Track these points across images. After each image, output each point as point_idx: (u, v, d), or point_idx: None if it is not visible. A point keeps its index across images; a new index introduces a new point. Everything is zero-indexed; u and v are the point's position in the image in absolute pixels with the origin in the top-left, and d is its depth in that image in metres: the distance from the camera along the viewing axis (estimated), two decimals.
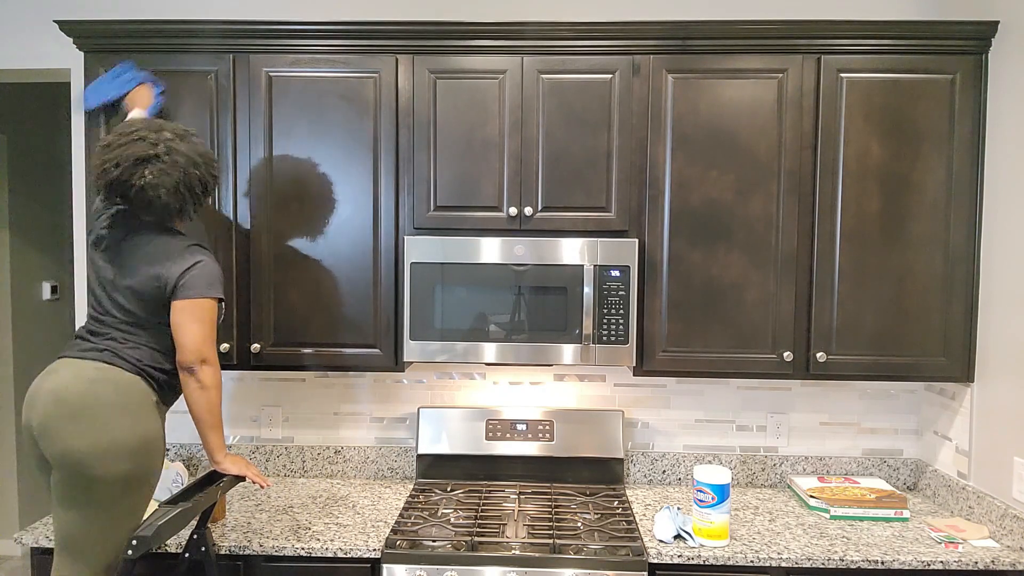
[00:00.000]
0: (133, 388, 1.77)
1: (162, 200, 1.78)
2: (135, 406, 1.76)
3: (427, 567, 1.89)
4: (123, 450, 1.71)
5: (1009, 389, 2.03)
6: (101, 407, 1.71)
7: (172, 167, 1.77)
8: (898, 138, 2.13)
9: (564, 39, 2.15)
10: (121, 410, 1.73)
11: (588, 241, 2.11)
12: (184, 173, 1.79)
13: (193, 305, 1.80)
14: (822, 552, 1.92)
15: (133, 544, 1.61)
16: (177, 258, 1.81)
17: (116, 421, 1.71)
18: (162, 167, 1.76)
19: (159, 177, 1.76)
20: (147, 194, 1.77)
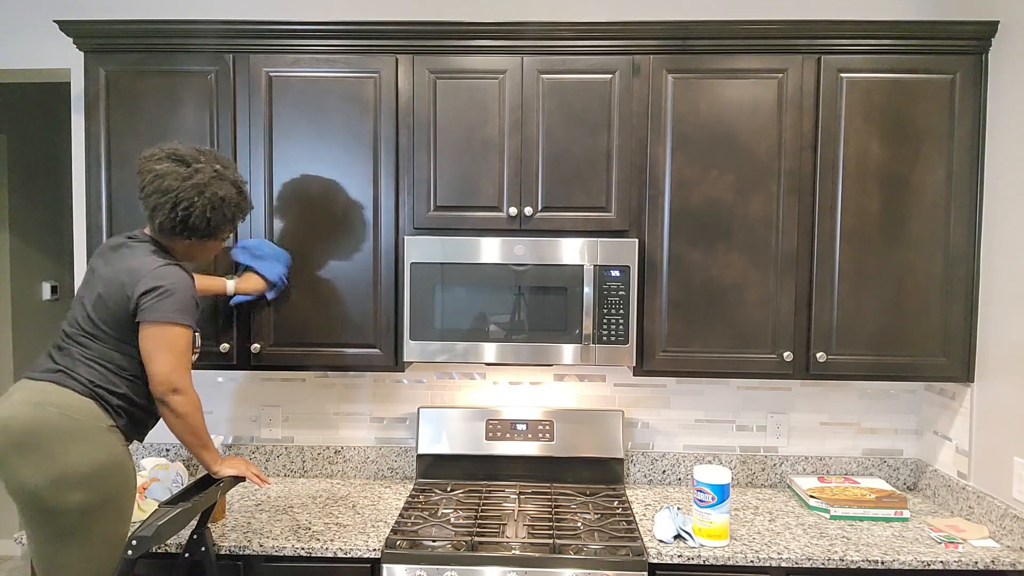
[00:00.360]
0: (83, 412, 1.69)
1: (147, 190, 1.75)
2: (85, 432, 1.67)
3: (427, 567, 1.89)
4: (75, 479, 1.63)
5: (1009, 389, 2.03)
6: (47, 434, 1.63)
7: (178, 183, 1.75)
8: (898, 138, 2.13)
9: (564, 39, 2.14)
10: (68, 436, 1.65)
11: (588, 241, 2.11)
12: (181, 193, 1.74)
13: (161, 331, 1.71)
14: (822, 552, 1.92)
15: (133, 544, 1.61)
16: (149, 272, 1.73)
17: (64, 448, 1.64)
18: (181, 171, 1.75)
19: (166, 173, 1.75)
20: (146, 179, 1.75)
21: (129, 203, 2.20)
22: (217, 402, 2.55)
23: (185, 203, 1.75)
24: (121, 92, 2.19)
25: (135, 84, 2.19)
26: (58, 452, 1.63)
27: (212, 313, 2.20)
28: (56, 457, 1.63)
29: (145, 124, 2.19)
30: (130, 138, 2.19)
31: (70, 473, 1.63)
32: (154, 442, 2.56)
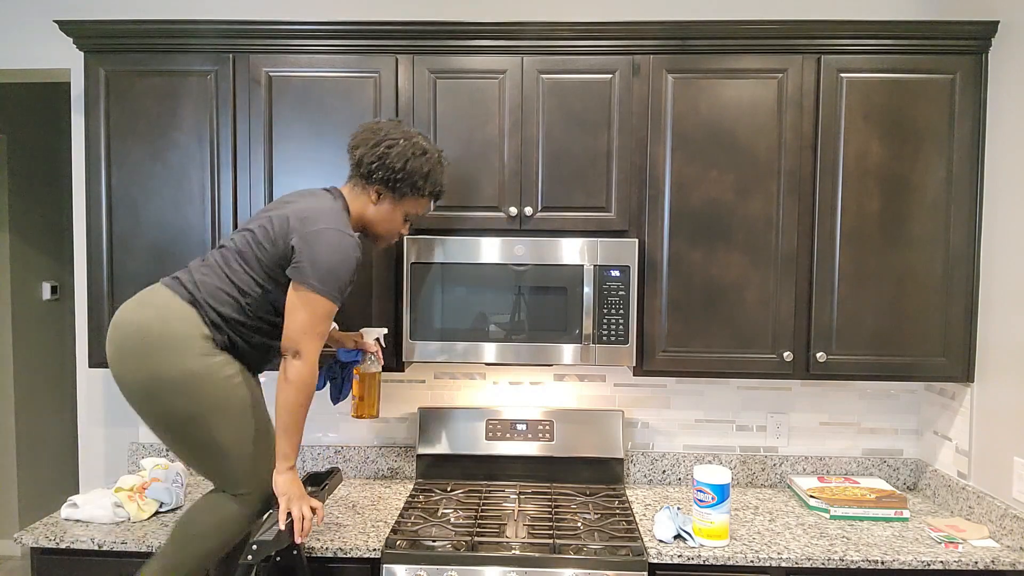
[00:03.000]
0: (179, 317, 1.63)
1: (358, 137, 1.82)
2: (176, 339, 1.61)
3: (427, 567, 1.89)
4: (166, 386, 1.59)
5: (1009, 389, 2.03)
6: (141, 337, 1.60)
7: (388, 129, 1.82)
8: (898, 138, 2.13)
9: (564, 39, 2.14)
10: (160, 342, 1.60)
11: (588, 241, 2.11)
12: (388, 133, 1.81)
13: (309, 297, 1.66)
14: (822, 552, 1.92)
15: (253, 549, 1.60)
16: (323, 230, 1.68)
17: (157, 354, 1.59)
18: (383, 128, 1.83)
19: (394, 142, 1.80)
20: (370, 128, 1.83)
21: (129, 203, 2.20)
22: None
23: (389, 140, 1.79)
24: (121, 92, 2.19)
25: (135, 84, 2.19)
26: (153, 358, 1.60)
27: None
28: (150, 363, 1.60)
29: (145, 124, 2.19)
30: (130, 138, 2.19)
31: (164, 379, 1.60)
32: (154, 442, 2.56)
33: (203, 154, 2.19)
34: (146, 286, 2.17)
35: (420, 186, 1.84)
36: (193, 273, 1.72)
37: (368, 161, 1.80)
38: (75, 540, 1.97)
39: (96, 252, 2.21)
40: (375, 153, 1.79)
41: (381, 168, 1.80)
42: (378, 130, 1.83)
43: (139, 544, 1.95)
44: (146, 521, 2.10)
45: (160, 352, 1.61)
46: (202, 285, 1.69)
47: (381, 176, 1.81)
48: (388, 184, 1.82)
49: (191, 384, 1.61)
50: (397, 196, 1.84)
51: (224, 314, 1.69)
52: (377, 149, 1.79)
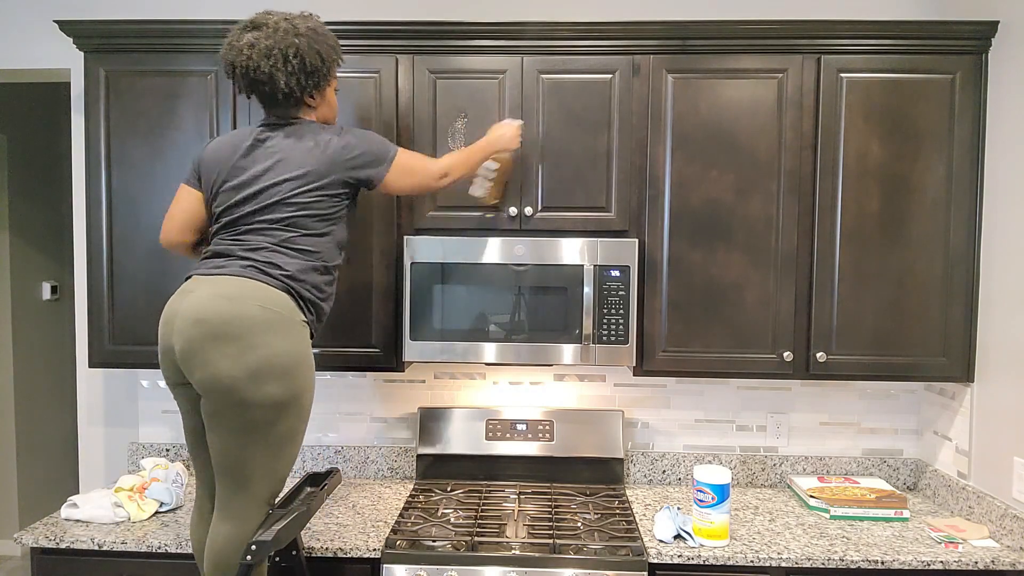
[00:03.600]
0: (280, 304, 1.66)
1: (254, 62, 1.69)
2: (284, 324, 1.65)
3: (427, 567, 1.89)
4: (273, 371, 1.61)
5: (1009, 389, 2.03)
6: (247, 326, 1.60)
7: (272, 33, 1.71)
8: (898, 138, 2.13)
9: (564, 39, 2.15)
10: (268, 328, 1.62)
11: (588, 241, 2.11)
12: (280, 39, 1.70)
13: (396, 163, 1.81)
14: (822, 552, 1.92)
15: (252, 549, 1.59)
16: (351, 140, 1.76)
17: (264, 340, 1.61)
18: (263, 32, 1.71)
19: (257, 39, 1.70)
20: (242, 56, 1.70)
21: (129, 203, 2.20)
22: None
23: (291, 49, 1.71)
24: (121, 92, 2.19)
25: (135, 84, 2.19)
26: (259, 344, 1.60)
27: None
28: (256, 349, 1.60)
29: (145, 124, 2.19)
30: (130, 138, 2.19)
31: (269, 365, 1.61)
32: (154, 442, 2.56)
33: None
34: (146, 286, 2.19)
35: (336, 59, 1.82)
36: (258, 258, 1.69)
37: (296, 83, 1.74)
38: (75, 540, 1.97)
39: (96, 252, 2.21)
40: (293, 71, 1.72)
41: (310, 78, 1.76)
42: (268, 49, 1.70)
43: (139, 544, 1.96)
44: (146, 521, 2.10)
45: (270, 338, 1.62)
46: (285, 265, 1.70)
47: (314, 84, 1.77)
48: (319, 87, 1.80)
49: (297, 371, 1.66)
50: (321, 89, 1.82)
51: (313, 283, 1.74)
52: (290, 65, 1.71)
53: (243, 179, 1.75)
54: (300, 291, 1.72)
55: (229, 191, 1.76)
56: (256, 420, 1.62)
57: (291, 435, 1.69)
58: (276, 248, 1.72)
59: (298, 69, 1.72)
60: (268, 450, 1.66)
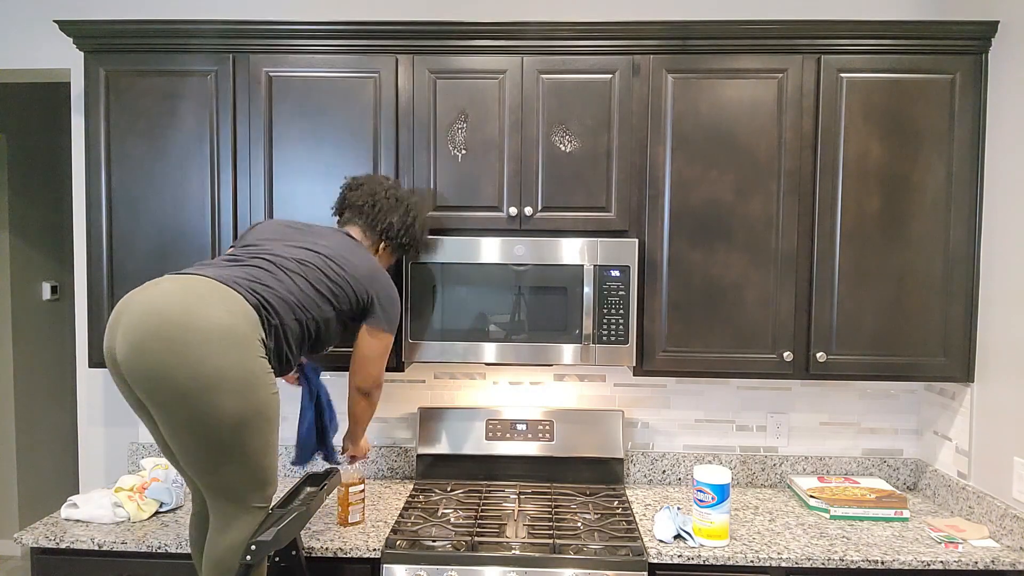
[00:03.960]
0: (246, 316, 1.56)
1: (387, 205, 1.97)
2: (242, 336, 1.54)
3: (427, 567, 1.89)
4: (227, 384, 1.49)
5: (1009, 389, 2.03)
6: (204, 329, 1.47)
7: (406, 196, 2.03)
8: (898, 138, 2.13)
9: (564, 39, 2.14)
10: (226, 334, 1.50)
11: (588, 241, 2.11)
12: (412, 204, 2.02)
13: (386, 340, 1.91)
14: (822, 552, 1.92)
15: (252, 549, 1.58)
16: (387, 283, 1.91)
17: (219, 348, 1.48)
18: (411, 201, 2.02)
19: (403, 199, 2.01)
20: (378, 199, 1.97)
21: (129, 203, 2.20)
22: None
23: (413, 212, 2.01)
24: (121, 92, 2.19)
25: (135, 84, 2.19)
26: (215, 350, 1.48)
27: None
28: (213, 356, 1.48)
29: (145, 124, 2.19)
30: (130, 138, 2.19)
31: (225, 376, 1.49)
32: (154, 442, 2.56)
33: (203, 154, 2.19)
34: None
35: (421, 246, 2.10)
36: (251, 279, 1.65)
37: (397, 230, 1.99)
38: (75, 540, 1.97)
39: (96, 252, 2.21)
40: (404, 222, 1.99)
41: (405, 235, 2.01)
42: (401, 198, 2.00)
43: (139, 544, 1.96)
44: (146, 521, 2.10)
45: (226, 348, 1.51)
46: (269, 293, 1.64)
47: (403, 242, 2.02)
48: (401, 245, 2.03)
49: (248, 384, 1.54)
50: (394, 250, 2.04)
51: (286, 324, 1.67)
52: (407, 219, 1.99)
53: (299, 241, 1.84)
54: (270, 315, 1.63)
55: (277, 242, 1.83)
56: (219, 438, 1.53)
57: (264, 448, 1.61)
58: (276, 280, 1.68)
59: (399, 224, 1.98)
60: (245, 467, 1.59)
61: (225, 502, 1.62)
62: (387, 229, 1.99)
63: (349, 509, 2.08)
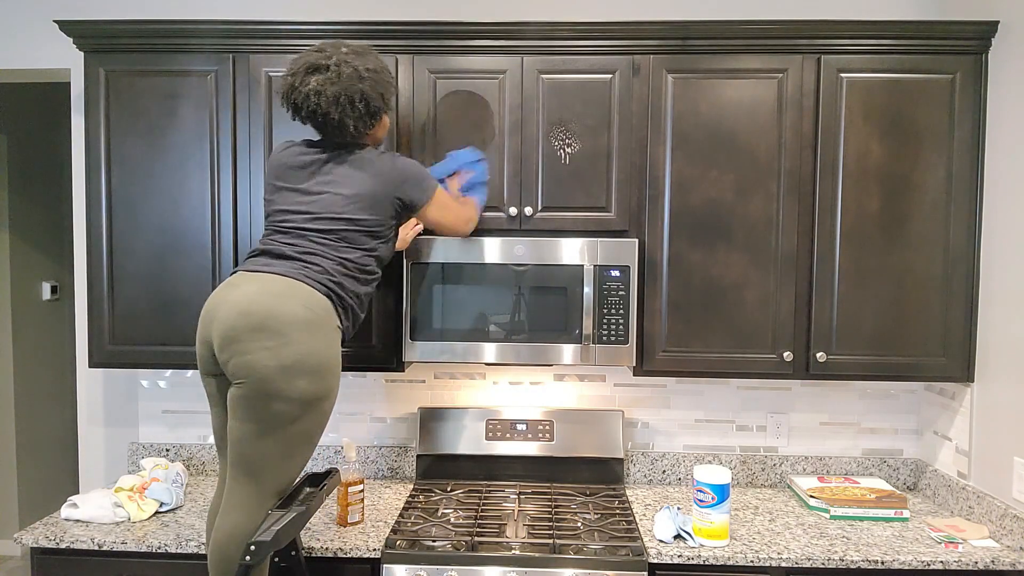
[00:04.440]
0: (321, 307, 1.73)
1: (322, 109, 1.78)
2: (321, 327, 1.72)
3: (427, 567, 1.89)
4: (305, 369, 1.67)
5: (1009, 389, 2.03)
6: (288, 323, 1.66)
7: (337, 77, 1.77)
8: (898, 138, 2.13)
9: (564, 39, 2.14)
10: (307, 327, 1.69)
11: (588, 241, 2.11)
12: (347, 86, 1.78)
13: (441, 196, 1.93)
14: (822, 552, 1.92)
15: (251, 549, 1.59)
16: (411, 169, 1.87)
17: (302, 338, 1.67)
18: (328, 76, 1.77)
19: (323, 85, 1.76)
20: (310, 102, 1.78)
21: (129, 203, 2.20)
22: None
23: (357, 95, 1.79)
24: (121, 92, 2.19)
25: (135, 84, 2.19)
26: (296, 341, 1.66)
27: None
28: (293, 345, 1.66)
29: (145, 124, 2.19)
30: (130, 138, 2.19)
31: (302, 362, 1.66)
32: (154, 442, 2.56)
33: (203, 154, 2.19)
34: (146, 286, 2.20)
35: (394, 94, 1.93)
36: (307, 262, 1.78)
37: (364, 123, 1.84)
38: (75, 540, 1.97)
39: (96, 252, 2.21)
40: (362, 113, 1.82)
41: (372, 116, 1.85)
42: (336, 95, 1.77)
43: (139, 544, 1.96)
44: (146, 521, 2.10)
45: (306, 339, 1.68)
46: (332, 272, 1.79)
47: (375, 120, 1.87)
48: (378, 119, 1.89)
49: (323, 370, 1.71)
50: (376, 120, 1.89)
51: (354, 292, 1.83)
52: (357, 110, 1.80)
53: (302, 188, 1.84)
54: (342, 297, 1.79)
55: (286, 195, 1.85)
56: (279, 414, 1.66)
57: (308, 436, 1.73)
58: (325, 256, 1.79)
59: (364, 113, 1.82)
60: (284, 446, 1.69)
61: (243, 476, 1.69)
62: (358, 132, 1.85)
63: (348, 509, 2.08)
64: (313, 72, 1.78)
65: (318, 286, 1.75)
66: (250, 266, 1.78)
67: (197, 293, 2.19)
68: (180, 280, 2.20)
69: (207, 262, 2.20)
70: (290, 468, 1.72)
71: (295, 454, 1.72)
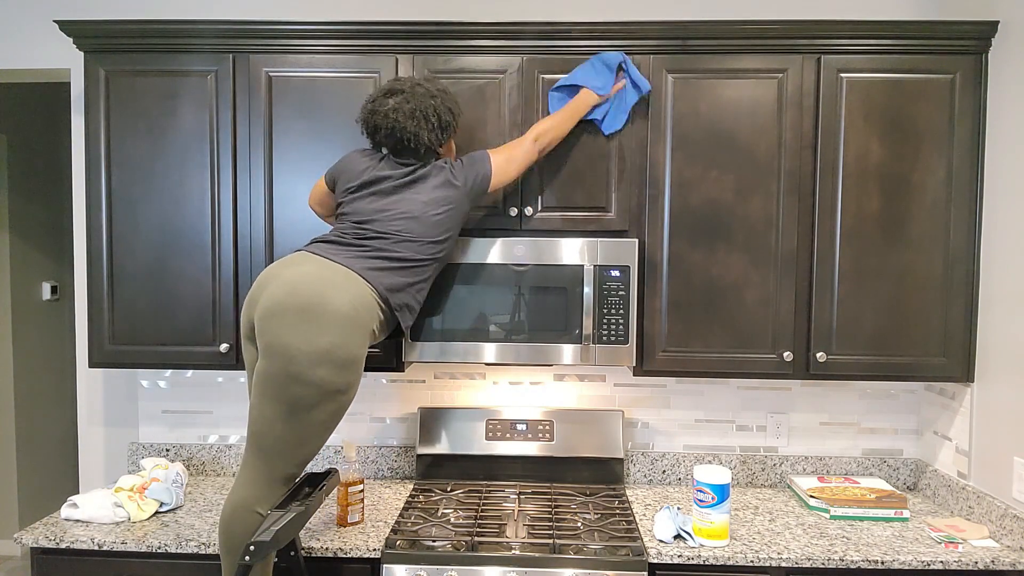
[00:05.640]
0: (366, 308, 1.78)
1: (400, 124, 1.90)
2: (360, 327, 1.76)
3: (427, 567, 1.89)
4: (333, 360, 1.70)
5: (1009, 389, 2.03)
6: (330, 314, 1.71)
7: (412, 97, 1.93)
8: (898, 138, 2.13)
9: (564, 39, 2.15)
10: (346, 323, 1.73)
11: (588, 241, 2.11)
12: (421, 101, 1.92)
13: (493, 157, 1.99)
14: (822, 552, 1.92)
15: (251, 550, 1.59)
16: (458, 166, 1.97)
17: (339, 331, 1.71)
18: (404, 97, 1.92)
19: (400, 105, 1.91)
20: (389, 119, 1.90)
21: (129, 203, 2.20)
22: (217, 402, 2.56)
23: (430, 110, 1.94)
24: (121, 92, 2.19)
25: (135, 84, 2.19)
26: (332, 332, 1.70)
27: (209, 314, 2.20)
28: (328, 336, 1.70)
29: (145, 124, 2.19)
30: (130, 138, 2.19)
31: (331, 353, 1.70)
32: (154, 442, 2.56)
33: (203, 154, 2.19)
34: (146, 286, 2.20)
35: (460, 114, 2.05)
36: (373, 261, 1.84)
37: (437, 136, 1.96)
38: (75, 540, 1.97)
39: (96, 252, 2.21)
40: (434, 127, 1.95)
41: (445, 131, 1.98)
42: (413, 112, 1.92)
43: (139, 544, 1.96)
44: (146, 521, 2.10)
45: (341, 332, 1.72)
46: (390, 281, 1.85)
47: (448, 135, 2.00)
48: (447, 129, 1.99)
49: (348, 365, 1.74)
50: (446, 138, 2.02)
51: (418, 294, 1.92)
52: (431, 123, 1.94)
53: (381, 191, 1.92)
54: (396, 300, 1.86)
55: (367, 200, 1.92)
56: (298, 397, 1.70)
57: (323, 425, 1.75)
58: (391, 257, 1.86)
59: (436, 126, 1.95)
60: (299, 431, 1.72)
61: (256, 455, 1.73)
62: (432, 148, 1.98)
63: (348, 509, 2.08)
64: (390, 95, 1.93)
65: (377, 284, 1.82)
66: (315, 249, 1.84)
67: (197, 293, 2.20)
68: (180, 280, 2.20)
69: (207, 262, 2.20)
70: (301, 454, 1.75)
71: (308, 441, 1.74)
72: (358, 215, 1.90)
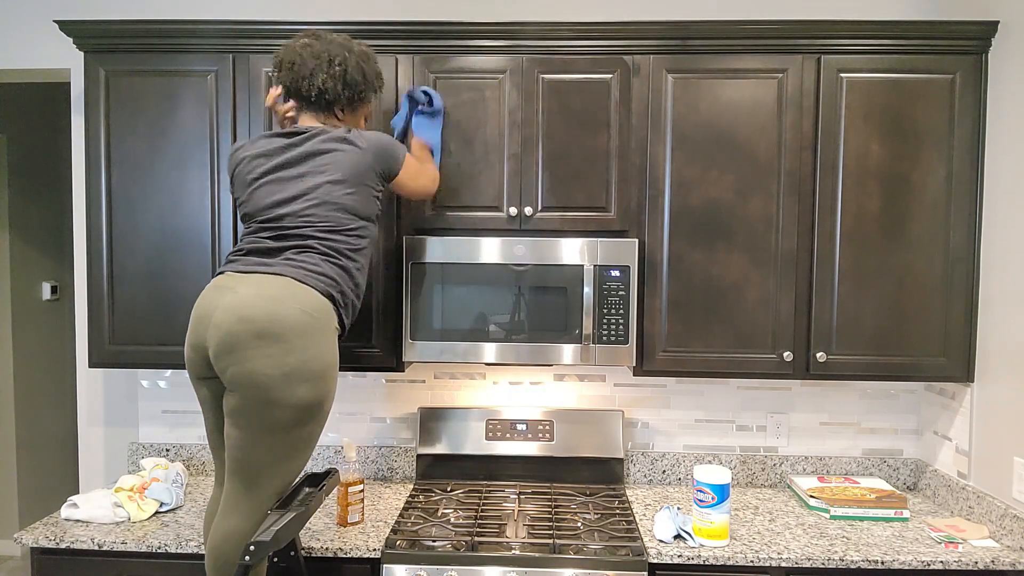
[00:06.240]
0: (321, 311, 1.70)
1: (301, 59, 1.80)
2: (320, 331, 1.69)
3: (427, 567, 1.89)
4: (305, 375, 1.65)
5: (1009, 389, 2.03)
6: (288, 329, 1.64)
7: (326, 43, 1.83)
8: (898, 138, 2.13)
9: (564, 39, 2.15)
10: (306, 332, 1.66)
11: (588, 241, 2.11)
12: (331, 48, 1.82)
13: (409, 161, 1.91)
14: (822, 552, 1.92)
15: (250, 550, 1.58)
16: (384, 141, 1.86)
17: (303, 344, 1.65)
18: (320, 41, 1.83)
19: (311, 44, 1.82)
20: (292, 53, 1.81)
21: (129, 203, 2.20)
22: None
23: (338, 59, 1.82)
24: (121, 92, 2.19)
25: (135, 84, 2.19)
26: (297, 347, 1.64)
27: None
28: (296, 352, 1.64)
29: (145, 124, 2.19)
30: (130, 138, 2.19)
31: (303, 368, 1.65)
32: (154, 442, 2.56)
33: (203, 154, 2.19)
34: (146, 286, 2.20)
35: (373, 89, 1.93)
36: (301, 260, 1.74)
37: (332, 86, 1.83)
38: (75, 540, 1.97)
39: (96, 252, 2.21)
40: (334, 75, 1.82)
41: (346, 87, 1.85)
42: (318, 53, 1.81)
43: (139, 544, 1.96)
44: (146, 521, 2.10)
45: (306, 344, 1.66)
46: (327, 271, 1.76)
47: (348, 94, 1.86)
48: (351, 101, 1.89)
49: (323, 375, 1.69)
50: (350, 110, 1.91)
51: (354, 284, 1.82)
52: (333, 69, 1.82)
53: (280, 178, 1.79)
54: (343, 293, 1.78)
55: (266, 189, 1.79)
56: (279, 420, 1.65)
57: (308, 440, 1.72)
58: (317, 249, 1.76)
59: (338, 76, 1.82)
60: (284, 451, 1.69)
61: (242, 481, 1.69)
62: (325, 97, 1.84)
63: (348, 509, 2.08)
64: (306, 37, 1.85)
65: (318, 284, 1.72)
66: (240, 266, 1.74)
67: (197, 293, 2.19)
68: (180, 280, 2.21)
69: (207, 262, 2.19)
70: (289, 471, 1.72)
71: (294, 456, 1.71)
72: (263, 213, 1.78)
